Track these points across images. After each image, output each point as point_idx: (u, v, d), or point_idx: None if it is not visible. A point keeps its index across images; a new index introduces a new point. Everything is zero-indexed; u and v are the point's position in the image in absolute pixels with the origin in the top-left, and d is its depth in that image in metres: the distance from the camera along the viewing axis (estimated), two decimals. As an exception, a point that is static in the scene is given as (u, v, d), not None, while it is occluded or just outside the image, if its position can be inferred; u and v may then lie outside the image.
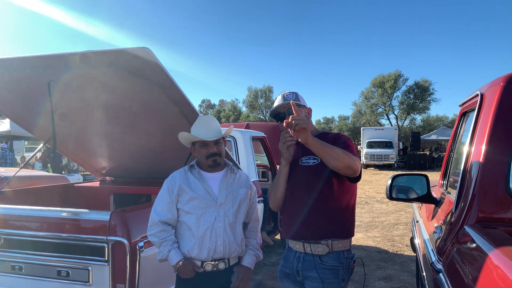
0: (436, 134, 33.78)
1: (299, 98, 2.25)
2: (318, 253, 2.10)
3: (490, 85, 1.95)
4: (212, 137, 2.36)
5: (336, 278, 2.09)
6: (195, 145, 2.42)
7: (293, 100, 2.15)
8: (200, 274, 2.32)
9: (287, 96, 2.23)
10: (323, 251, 2.10)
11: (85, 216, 2.74)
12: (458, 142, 2.73)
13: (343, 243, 2.14)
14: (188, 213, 2.33)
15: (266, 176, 6.73)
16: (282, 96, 2.26)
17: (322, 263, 2.10)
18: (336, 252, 2.11)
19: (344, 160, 1.97)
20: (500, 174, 1.72)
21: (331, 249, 2.10)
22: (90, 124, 3.79)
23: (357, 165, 2.02)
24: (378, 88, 43.35)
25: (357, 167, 2.03)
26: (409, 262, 5.65)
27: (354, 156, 2.05)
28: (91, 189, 4.66)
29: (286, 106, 2.21)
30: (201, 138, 2.34)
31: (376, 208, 10.55)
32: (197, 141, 2.39)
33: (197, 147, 2.40)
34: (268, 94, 54.00)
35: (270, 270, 5.34)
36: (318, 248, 2.10)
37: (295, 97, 2.23)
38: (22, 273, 2.82)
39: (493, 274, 1.18)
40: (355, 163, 2.01)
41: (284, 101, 2.22)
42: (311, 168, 2.14)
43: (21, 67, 2.99)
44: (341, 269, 2.11)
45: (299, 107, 2.17)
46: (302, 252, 2.15)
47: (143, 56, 2.56)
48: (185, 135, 2.41)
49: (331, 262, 2.10)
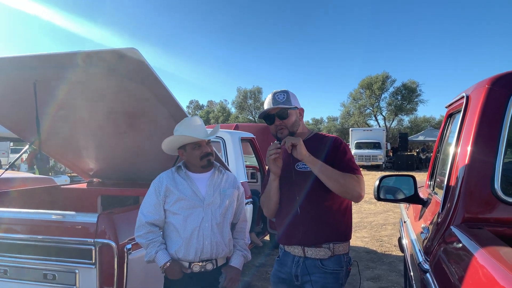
0: (423, 135, 34.16)
1: (290, 98, 2.15)
2: (320, 257, 2.08)
3: (476, 87, 1.98)
4: (205, 136, 2.35)
5: (336, 282, 2.09)
6: (186, 147, 2.38)
7: (284, 101, 2.12)
8: (188, 275, 2.31)
9: (278, 97, 2.14)
10: (325, 255, 2.08)
11: (72, 218, 2.70)
12: (444, 143, 2.76)
13: (343, 246, 2.13)
14: (175, 214, 2.32)
15: (255, 177, 6.73)
16: (272, 96, 2.16)
17: (324, 267, 2.08)
18: (337, 255, 2.10)
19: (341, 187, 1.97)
20: (485, 175, 1.74)
21: (332, 253, 2.08)
22: (77, 125, 3.75)
23: (357, 190, 1.98)
24: (366, 89, 43.74)
25: (357, 193, 1.99)
26: (397, 262, 5.70)
27: (356, 176, 2.01)
28: (78, 191, 4.60)
29: (276, 108, 2.13)
30: (198, 137, 2.31)
31: (365, 208, 10.62)
32: (189, 143, 2.37)
33: (189, 149, 2.37)
34: (257, 95, 54.12)
35: (259, 271, 5.34)
36: (320, 252, 2.08)
37: (286, 97, 2.14)
38: (7, 277, 2.77)
39: (479, 273, 1.19)
40: (355, 189, 1.98)
41: (274, 102, 2.13)
42: (308, 173, 2.09)
43: (6, 67, 2.94)
44: (341, 273, 2.10)
45: (290, 109, 2.14)
46: (302, 256, 2.12)
47: (130, 56, 2.54)
48: (173, 138, 2.36)
49: (333, 266, 2.08)
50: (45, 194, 4.39)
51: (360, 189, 2.00)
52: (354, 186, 1.98)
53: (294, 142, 1.99)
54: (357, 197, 2.00)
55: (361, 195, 2.01)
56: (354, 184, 1.98)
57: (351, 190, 1.98)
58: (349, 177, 1.99)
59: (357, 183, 1.99)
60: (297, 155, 2.00)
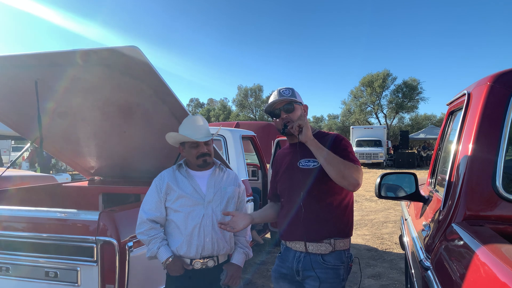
0: (424, 132, 34.13)
1: (295, 95, 2.21)
2: (321, 252, 2.10)
3: (477, 85, 1.97)
4: (202, 138, 2.36)
5: (337, 277, 2.10)
6: (185, 145, 2.42)
7: (289, 96, 2.16)
8: (189, 272, 2.32)
9: (283, 92, 2.19)
10: (326, 250, 2.10)
11: (74, 216, 2.71)
12: (445, 140, 2.76)
13: (344, 242, 2.15)
14: (177, 211, 2.33)
15: (256, 175, 6.73)
16: (278, 91, 2.21)
17: (325, 262, 2.09)
18: (338, 251, 2.11)
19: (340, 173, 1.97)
20: (486, 173, 1.74)
21: (334, 248, 2.10)
22: (78, 123, 3.75)
23: (354, 177, 1.98)
24: (367, 87, 43.65)
25: (355, 181, 1.99)
26: (398, 260, 5.70)
27: (355, 165, 2.02)
28: (79, 189, 4.61)
29: (281, 102, 2.18)
30: (192, 139, 2.33)
31: (366, 206, 10.62)
32: (187, 141, 2.38)
33: (187, 147, 2.41)
34: (258, 93, 54.06)
35: (260, 268, 5.35)
36: (321, 247, 2.10)
37: (291, 93, 2.19)
38: (9, 274, 2.78)
39: (480, 271, 1.19)
40: (352, 176, 1.98)
41: (279, 96, 2.18)
42: (310, 171, 2.12)
43: (7, 66, 2.94)
44: (342, 269, 2.12)
45: (296, 102, 2.18)
46: (303, 252, 2.14)
47: (132, 55, 2.54)
48: (174, 135, 2.41)
49: (333, 262, 2.10)
50: (47, 192, 4.40)
51: (358, 177, 2.00)
52: (352, 173, 1.98)
53: (301, 123, 2.02)
54: (354, 184, 1.99)
55: (358, 183, 2.01)
56: (353, 171, 1.99)
57: (348, 176, 1.97)
58: (349, 164, 2.00)
59: (355, 171, 2.00)
60: (302, 138, 2.02)
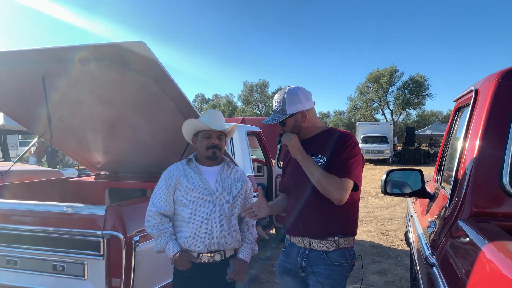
0: (430, 129, 33.90)
1: (285, 106, 2.15)
2: (325, 249, 2.10)
3: (485, 81, 1.96)
4: (218, 127, 2.40)
5: (341, 274, 2.11)
6: (198, 135, 2.45)
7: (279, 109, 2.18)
8: (196, 266, 2.34)
9: (276, 106, 2.20)
10: (330, 247, 2.10)
11: (81, 210, 2.73)
12: (452, 137, 2.75)
13: (349, 240, 2.15)
14: (185, 205, 2.36)
15: (261, 171, 6.73)
16: (274, 103, 2.23)
17: (329, 259, 2.10)
18: (342, 249, 2.12)
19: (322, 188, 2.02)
20: (493, 169, 1.73)
21: (338, 246, 2.11)
22: (85, 118, 3.77)
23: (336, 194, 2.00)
24: (373, 83, 43.46)
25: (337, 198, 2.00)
26: (403, 256, 5.70)
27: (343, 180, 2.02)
28: (86, 184, 4.65)
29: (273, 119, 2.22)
30: (209, 126, 2.38)
31: (371, 202, 10.60)
32: (201, 131, 2.43)
33: (200, 137, 2.45)
34: (263, 88, 54.01)
35: (265, 264, 5.37)
36: (326, 244, 2.10)
37: (281, 106, 2.16)
38: (17, 267, 2.82)
39: (486, 268, 1.19)
40: (334, 193, 2.00)
41: (273, 112, 2.24)
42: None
43: (15, 61, 2.96)
44: (346, 266, 2.13)
45: (288, 118, 2.16)
46: (307, 248, 2.14)
47: (138, 51, 2.55)
48: (192, 121, 2.45)
49: (337, 259, 2.10)
50: (54, 187, 4.44)
51: (339, 193, 2.00)
52: (332, 190, 2.00)
53: (284, 142, 2.13)
54: (337, 200, 2.02)
55: (340, 199, 2.01)
56: (333, 188, 2.00)
57: (330, 193, 2.01)
58: (331, 179, 2.01)
59: (337, 188, 2.00)
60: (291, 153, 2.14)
